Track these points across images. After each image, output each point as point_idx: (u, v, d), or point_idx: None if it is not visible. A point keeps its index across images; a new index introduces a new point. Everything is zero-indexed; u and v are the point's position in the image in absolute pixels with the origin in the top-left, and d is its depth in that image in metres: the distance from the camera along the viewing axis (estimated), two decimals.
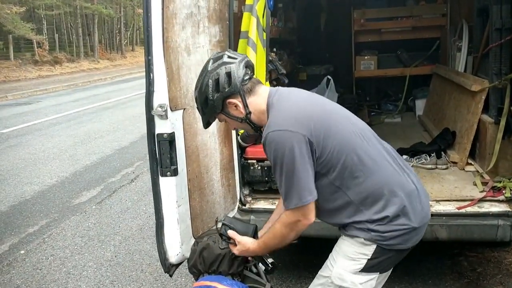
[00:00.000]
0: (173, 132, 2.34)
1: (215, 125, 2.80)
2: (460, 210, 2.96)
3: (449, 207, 3.00)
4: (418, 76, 6.27)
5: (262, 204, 3.25)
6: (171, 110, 2.34)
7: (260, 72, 3.40)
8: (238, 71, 1.86)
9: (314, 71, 5.92)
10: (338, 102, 5.00)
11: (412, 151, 4.08)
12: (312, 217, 1.83)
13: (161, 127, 2.32)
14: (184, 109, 2.45)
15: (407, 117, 6.18)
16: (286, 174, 1.75)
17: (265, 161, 3.28)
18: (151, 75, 2.28)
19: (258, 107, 1.90)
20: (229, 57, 1.89)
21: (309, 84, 5.55)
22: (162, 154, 2.33)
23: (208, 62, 1.92)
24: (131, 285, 3.61)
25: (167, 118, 2.31)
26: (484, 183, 3.25)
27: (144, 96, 2.32)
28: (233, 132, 3.10)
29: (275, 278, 3.49)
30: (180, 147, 2.40)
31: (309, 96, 1.96)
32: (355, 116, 2.00)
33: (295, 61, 5.71)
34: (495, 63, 3.52)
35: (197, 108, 2.00)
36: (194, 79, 2.53)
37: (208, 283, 2.20)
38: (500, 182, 3.16)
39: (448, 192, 3.24)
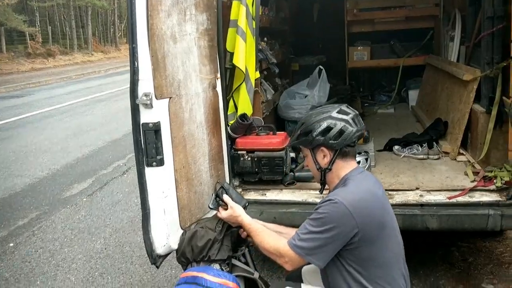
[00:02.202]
0: (159, 122, 2.30)
1: (203, 115, 2.76)
2: (451, 200, 2.93)
3: (440, 197, 2.98)
4: (411, 66, 6.23)
5: (252, 195, 3.22)
6: (157, 98, 2.29)
7: (250, 61, 3.35)
8: (350, 136, 1.95)
9: (306, 62, 5.86)
10: (331, 93, 5.01)
11: (404, 142, 4.05)
12: (291, 268, 1.92)
13: (146, 116, 2.27)
14: (170, 98, 2.40)
15: (400, 108, 6.16)
16: (316, 232, 1.82)
17: (255, 152, 3.25)
18: (136, 64, 2.23)
19: (339, 172, 1.99)
20: (353, 120, 1.98)
21: (301, 75, 5.52)
22: (147, 144, 2.29)
23: (336, 107, 2.01)
24: (120, 277, 3.58)
25: (152, 107, 2.26)
26: (475, 173, 3.23)
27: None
28: (222, 123, 3.06)
29: (265, 269, 3.47)
30: (166, 137, 2.36)
31: (379, 191, 1.99)
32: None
33: (287, 51, 5.65)
34: (487, 52, 3.49)
35: (296, 129, 2.09)
36: (180, 68, 2.50)
37: (195, 273, 2.19)
38: (491, 171, 3.13)
39: (439, 182, 3.22)
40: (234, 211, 2.19)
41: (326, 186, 2.08)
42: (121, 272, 3.65)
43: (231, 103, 3.33)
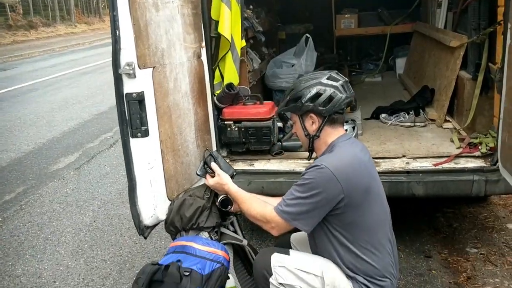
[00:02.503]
0: (143, 92, 2.25)
1: (188, 84, 2.72)
2: (437, 167, 2.95)
3: (426, 164, 3.00)
4: (399, 34, 6.18)
5: (240, 166, 3.21)
6: (140, 68, 2.24)
7: (235, 29, 3.29)
8: (339, 102, 1.95)
9: (293, 30, 5.77)
10: (318, 62, 4.97)
11: (391, 110, 4.06)
12: (277, 234, 1.95)
13: (130, 86, 2.23)
14: (154, 67, 2.36)
15: (387, 76, 6.15)
16: (302, 198, 1.84)
17: (242, 122, 3.23)
18: (117, 32, 2.17)
19: (327, 138, 2.00)
20: (342, 86, 1.97)
21: (288, 43, 5.46)
22: (131, 115, 2.26)
23: (326, 73, 2.01)
24: (110, 249, 3.59)
25: (135, 76, 2.21)
26: (461, 140, 3.25)
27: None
28: (208, 93, 3.02)
29: (255, 238, 3.51)
30: (150, 107, 2.33)
31: (365, 157, 1.99)
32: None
33: (274, 19, 5.55)
34: (474, 18, 3.47)
35: (286, 94, 2.08)
36: (163, 36, 2.44)
37: (184, 242, 2.20)
38: (476, 138, 3.16)
39: (425, 149, 3.24)
40: (221, 178, 2.20)
41: (314, 154, 2.09)
42: (111, 244, 3.66)
43: (217, 72, 3.29)
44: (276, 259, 1.94)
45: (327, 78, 1.97)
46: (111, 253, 3.54)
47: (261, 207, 1.99)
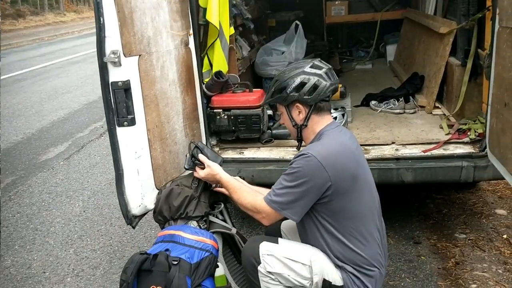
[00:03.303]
0: (128, 80, 2.23)
1: (175, 73, 2.69)
2: (426, 153, 2.96)
3: (415, 151, 3.01)
4: (389, 21, 6.16)
5: (229, 154, 3.20)
6: (125, 56, 2.21)
7: (224, 17, 3.26)
8: (324, 90, 1.94)
9: (283, 17, 5.72)
10: (308, 49, 4.94)
11: (381, 97, 4.05)
12: (268, 223, 1.97)
13: (115, 74, 2.20)
14: (140, 55, 2.32)
15: (378, 63, 6.13)
16: (290, 187, 1.84)
17: (232, 110, 3.21)
18: (101, 20, 2.13)
19: (314, 127, 1.99)
20: (326, 74, 1.96)
21: (278, 31, 5.41)
22: (118, 103, 2.23)
23: (309, 62, 2.00)
24: (100, 239, 3.58)
25: (120, 65, 2.19)
26: (450, 126, 3.26)
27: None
28: (197, 81, 2.99)
29: (245, 226, 3.51)
30: (137, 96, 2.30)
31: (353, 145, 1.98)
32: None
33: (264, 6, 5.50)
34: (463, 4, 3.45)
35: (270, 86, 2.06)
36: (149, 24, 2.41)
37: (172, 231, 2.20)
38: (465, 124, 3.17)
39: (415, 136, 3.24)
40: (212, 169, 2.18)
41: (303, 143, 2.08)
42: (101, 234, 3.65)
43: (205, 60, 3.26)
44: (265, 247, 1.94)
45: (310, 67, 1.96)
46: (101, 243, 3.52)
47: (252, 197, 1.99)
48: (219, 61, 3.29)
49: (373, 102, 4.01)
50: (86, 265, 3.25)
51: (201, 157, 2.24)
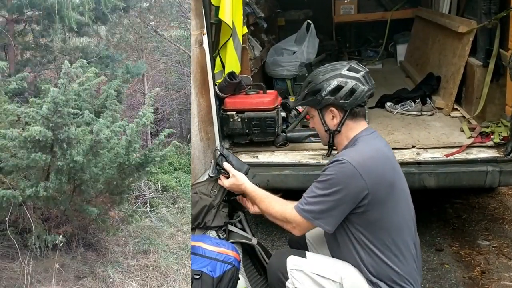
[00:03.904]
0: None
1: (190, 74, 2.58)
2: (448, 158, 2.86)
3: (437, 155, 2.91)
4: (399, 20, 6.05)
5: (243, 158, 3.09)
6: None
7: (237, 15, 3.16)
8: (361, 95, 1.83)
9: (292, 16, 5.60)
10: (318, 49, 4.82)
11: (396, 98, 3.94)
12: (300, 234, 1.86)
13: None
14: None
15: (388, 63, 6.03)
16: (324, 195, 1.74)
17: (245, 113, 3.10)
18: None
19: (348, 132, 1.88)
20: (364, 77, 1.85)
21: (287, 30, 5.31)
22: None
23: (346, 64, 1.88)
24: None
25: None
26: (472, 129, 3.15)
27: None
28: (210, 82, 2.88)
29: (259, 233, 3.40)
30: None
31: (390, 153, 1.91)
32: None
33: (273, 5, 5.38)
34: (484, 2, 3.34)
35: (303, 88, 1.94)
36: None
37: (192, 243, 2.09)
38: (487, 127, 3.07)
39: (435, 139, 3.13)
40: (237, 179, 2.06)
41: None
42: None
43: (217, 61, 3.16)
44: (293, 262, 1.83)
45: (348, 70, 1.85)
46: None
47: (281, 206, 1.88)
48: (232, 61, 3.18)
49: (388, 103, 3.90)
50: None
51: (226, 165, 2.11)
